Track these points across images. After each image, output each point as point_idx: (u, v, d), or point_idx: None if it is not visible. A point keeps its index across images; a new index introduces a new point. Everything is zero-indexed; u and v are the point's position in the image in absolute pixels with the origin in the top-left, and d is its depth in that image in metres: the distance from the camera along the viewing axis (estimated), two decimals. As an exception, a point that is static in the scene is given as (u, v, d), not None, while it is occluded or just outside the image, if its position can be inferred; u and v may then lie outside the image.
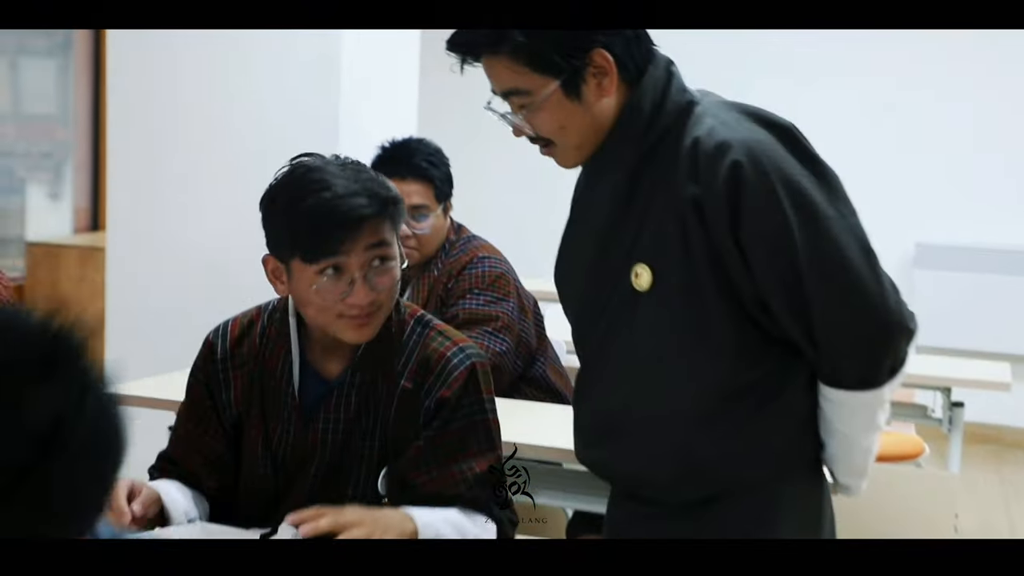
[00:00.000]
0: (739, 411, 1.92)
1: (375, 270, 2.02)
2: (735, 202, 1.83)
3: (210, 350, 2.20)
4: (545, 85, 1.88)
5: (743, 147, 1.84)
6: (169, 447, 2.22)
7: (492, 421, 2.14)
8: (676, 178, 1.88)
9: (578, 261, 2.04)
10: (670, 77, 1.95)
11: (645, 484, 2.01)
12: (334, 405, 2.10)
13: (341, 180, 1.99)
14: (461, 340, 2.17)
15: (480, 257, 3.32)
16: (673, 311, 1.91)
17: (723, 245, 1.86)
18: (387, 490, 2.09)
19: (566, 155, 1.97)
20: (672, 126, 1.92)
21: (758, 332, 1.91)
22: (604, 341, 1.99)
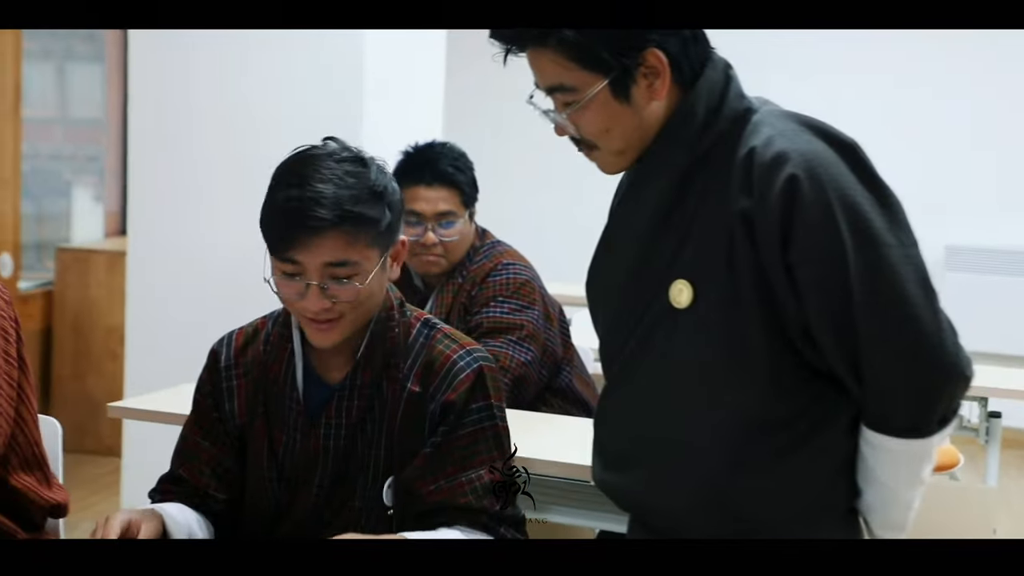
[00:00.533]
0: (771, 447, 1.79)
1: (335, 282, 1.95)
2: (788, 218, 1.71)
3: (214, 359, 2.16)
4: (592, 83, 1.78)
5: (801, 160, 1.72)
6: (175, 463, 2.16)
7: (501, 428, 2.07)
8: (727, 189, 1.77)
9: (614, 272, 1.93)
10: (728, 81, 1.84)
11: (663, 516, 1.90)
12: (335, 410, 2.05)
13: (322, 182, 1.92)
14: (468, 343, 2.10)
15: (504, 264, 3.25)
16: (710, 332, 1.79)
17: (771, 264, 1.74)
18: (393, 501, 2.04)
19: (608, 160, 1.87)
20: (727, 133, 1.81)
21: (800, 363, 1.78)
22: (634, 359, 1.88)
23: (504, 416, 2.09)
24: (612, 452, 1.94)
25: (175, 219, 4.08)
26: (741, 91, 1.86)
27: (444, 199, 3.19)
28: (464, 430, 2.03)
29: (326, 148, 2.00)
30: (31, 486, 2.28)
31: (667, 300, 1.82)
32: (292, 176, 1.94)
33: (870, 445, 1.81)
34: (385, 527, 2.02)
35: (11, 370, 2.19)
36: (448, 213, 3.21)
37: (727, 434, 1.80)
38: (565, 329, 3.39)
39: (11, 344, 2.19)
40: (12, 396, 2.20)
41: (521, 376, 3.13)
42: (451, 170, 3.20)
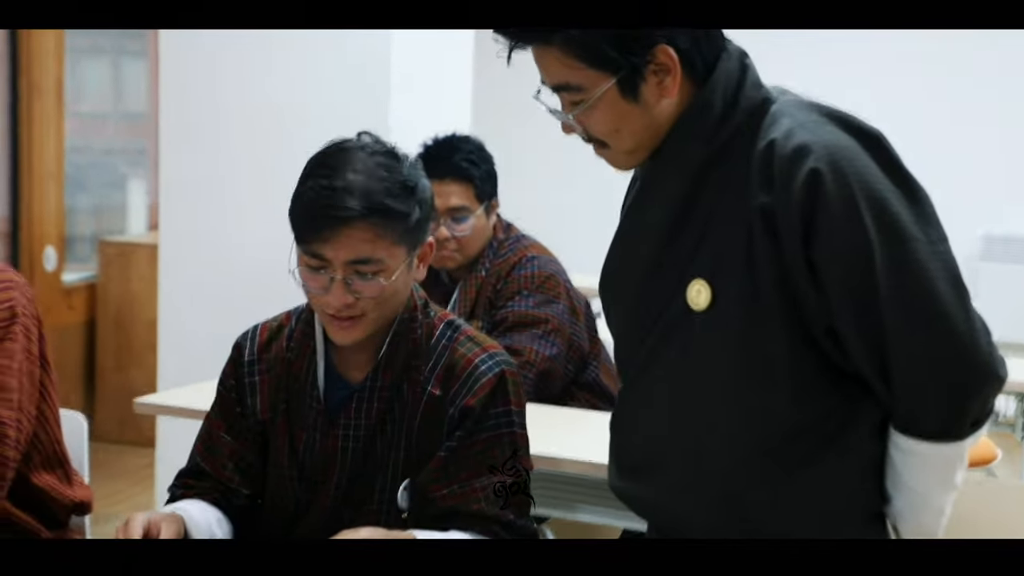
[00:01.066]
0: (794, 452, 1.72)
1: (360, 278, 1.93)
2: (810, 213, 1.63)
3: (238, 353, 2.14)
4: (599, 82, 1.70)
5: (824, 153, 1.64)
6: (197, 458, 2.14)
7: (519, 435, 2.03)
8: (746, 183, 1.69)
9: (629, 272, 1.84)
10: (745, 70, 1.75)
11: (681, 525, 1.82)
12: (354, 411, 2.02)
13: (353, 173, 1.91)
14: (491, 347, 2.06)
15: (529, 257, 3.22)
16: (730, 334, 1.71)
17: (793, 262, 1.66)
18: (408, 503, 2.01)
19: (619, 158, 1.80)
20: (744, 126, 1.72)
21: (825, 364, 1.70)
22: (650, 362, 1.80)
23: (524, 423, 2.05)
24: (628, 459, 1.87)
25: (204, 215, 4.09)
26: (758, 80, 1.78)
27: (456, 193, 3.17)
28: (481, 435, 1.99)
29: (359, 141, 1.99)
30: (52, 485, 2.30)
31: (684, 302, 1.75)
32: (323, 167, 1.93)
33: (899, 449, 1.73)
34: (400, 529, 1.98)
35: (33, 368, 2.20)
36: (460, 208, 3.18)
37: (748, 440, 1.73)
38: (592, 323, 3.36)
39: (33, 343, 2.21)
40: (35, 395, 2.21)
41: (546, 371, 3.11)
42: (464, 164, 3.17)
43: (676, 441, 1.78)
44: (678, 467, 1.78)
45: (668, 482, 1.80)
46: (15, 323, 2.14)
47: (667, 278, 1.77)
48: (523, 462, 2.03)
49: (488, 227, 3.25)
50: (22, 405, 2.15)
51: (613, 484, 1.91)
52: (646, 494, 1.85)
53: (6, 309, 2.14)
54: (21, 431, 2.14)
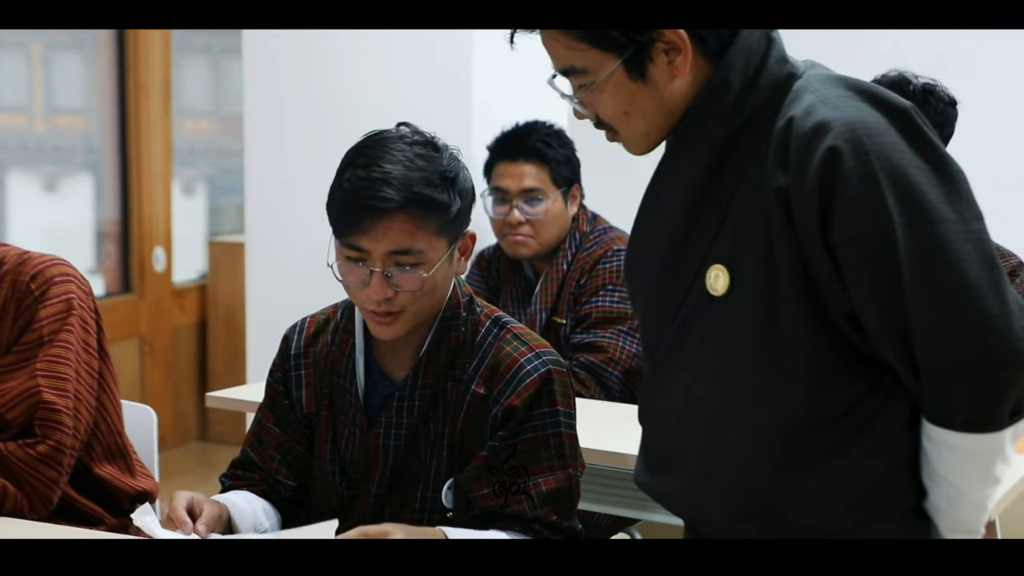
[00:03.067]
0: (816, 444, 1.63)
1: (399, 270, 1.89)
2: (827, 195, 1.55)
3: (286, 347, 2.12)
4: (605, 63, 1.64)
5: (845, 129, 1.55)
6: (248, 449, 2.15)
7: (566, 435, 1.95)
8: (763, 165, 1.60)
9: (650, 258, 1.77)
10: (769, 44, 1.66)
11: (703, 520, 1.76)
12: (396, 408, 1.98)
13: (392, 164, 1.87)
14: (539, 345, 2.00)
15: (615, 250, 3.11)
16: (748, 321, 1.63)
17: (811, 246, 1.58)
18: (453, 503, 1.96)
19: (633, 143, 1.73)
20: (767, 103, 1.64)
21: (848, 353, 1.62)
22: (672, 349, 1.73)
23: (572, 423, 1.98)
24: (652, 451, 1.80)
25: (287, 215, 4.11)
26: (784, 55, 1.68)
27: (531, 175, 3.08)
28: (525, 436, 1.94)
29: (398, 132, 1.97)
30: (114, 475, 2.32)
31: (704, 287, 1.67)
32: (361, 157, 1.90)
33: (932, 441, 1.62)
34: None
35: (91, 360, 2.24)
36: (533, 189, 3.09)
37: (767, 431, 1.64)
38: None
39: (91, 335, 2.25)
40: (93, 385, 2.25)
41: (632, 368, 2.99)
42: (539, 145, 3.08)
43: (696, 431, 1.71)
44: (697, 458, 1.71)
45: (687, 473, 1.72)
46: (71, 315, 2.19)
47: (687, 263, 1.70)
48: (571, 467, 1.96)
49: (566, 214, 3.14)
50: (79, 395, 2.19)
51: (639, 478, 1.83)
52: (669, 487, 1.77)
53: (63, 301, 2.19)
54: (79, 420, 2.18)
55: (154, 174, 5.48)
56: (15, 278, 2.18)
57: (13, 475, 2.11)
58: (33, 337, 2.15)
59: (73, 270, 2.25)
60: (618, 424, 2.61)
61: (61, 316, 2.18)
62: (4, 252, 2.23)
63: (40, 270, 2.19)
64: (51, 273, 2.19)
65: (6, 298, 2.18)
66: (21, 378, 2.13)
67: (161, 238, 5.59)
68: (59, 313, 2.18)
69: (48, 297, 2.17)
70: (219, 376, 5.87)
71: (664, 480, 1.77)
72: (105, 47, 5.35)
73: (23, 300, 2.17)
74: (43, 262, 2.21)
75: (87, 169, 5.59)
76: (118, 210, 5.47)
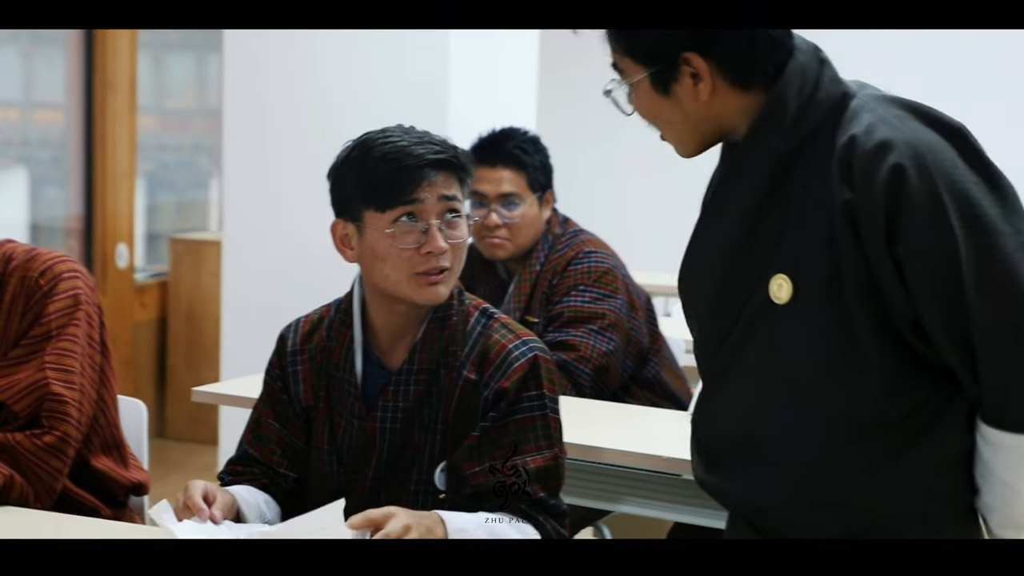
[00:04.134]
0: (880, 445, 1.73)
1: (448, 222, 2.04)
2: (894, 210, 1.65)
3: (283, 344, 2.21)
4: (635, 72, 1.81)
5: (907, 148, 1.66)
6: (246, 446, 2.22)
7: (552, 419, 2.08)
8: (827, 181, 1.70)
9: (709, 266, 1.87)
10: (822, 65, 1.78)
11: (767, 517, 1.84)
12: (392, 393, 2.08)
13: (408, 137, 2.04)
14: (524, 333, 2.13)
15: (586, 252, 3.21)
16: (814, 328, 1.73)
17: (877, 258, 1.68)
18: (445, 485, 2.07)
19: (674, 146, 1.88)
20: (824, 121, 1.74)
21: (910, 358, 1.72)
22: (733, 355, 1.83)
23: (557, 408, 2.10)
24: (713, 452, 1.89)
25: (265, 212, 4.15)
26: (837, 75, 1.79)
27: (508, 180, 3.18)
28: (515, 417, 2.05)
29: (394, 126, 2.10)
30: (110, 467, 2.39)
31: (766, 295, 1.77)
32: (380, 136, 2.06)
33: (987, 442, 1.72)
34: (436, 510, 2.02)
35: (94, 354, 2.32)
36: (511, 194, 3.19)
37: (831, 434, 1.74)
38: (652, 319, 3.33)
39: (95, 329, 2.32)
40: (95, 379, 2.32)
41: (603, 366, 3.09)
42: (516, 151, 3.18)
43: (760, 434, 1.80)
44: (762, 460, 1.80)
45: (751, 475, 1.82)
46: (79, 309, 2.27)
47: (747, 273, 1.80)
48: (557, 448, 2.08)
49: (541, 218, 3.24)
50: (83, 388, 2.26)
51: (697, 475, 1.93)
52: (730, 485, 1.86)
53: (70, 297, 2.26)
54: (82, 412, 2.25)
55: (119, 171, 5.51)
56: (24, 274, 2.26)
57: (19, 465, 2.17)
58: (41, 331, 2.22)
59: (80, 266, 2.33)
60: (588, 419, 2.71)
61: (69, 311, 2.25)
62: (12, 248, 2.30)
63: (49, 266, 2.26)
64: (59, 269, 2.26)
65: (15, 293, 2.25)
66: (29, 370, 2.20)
67: (124, 235, 5.61)
68: (67, 308, 2.25)
69: (56, 292, 2.25)
70: (178, 373, 5.90)
71: (725, 478, 1.86)
72: (74, 43, 5.37)
73: (32, 295, 2.24)
74: (52, 258, 2.28)
75: (21, 163, 5.59)
76: (82, 206, 5.49)
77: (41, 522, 2.11)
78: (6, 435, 2.18)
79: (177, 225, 6.36)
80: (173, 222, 6.40)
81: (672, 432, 2.70)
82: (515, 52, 4.19)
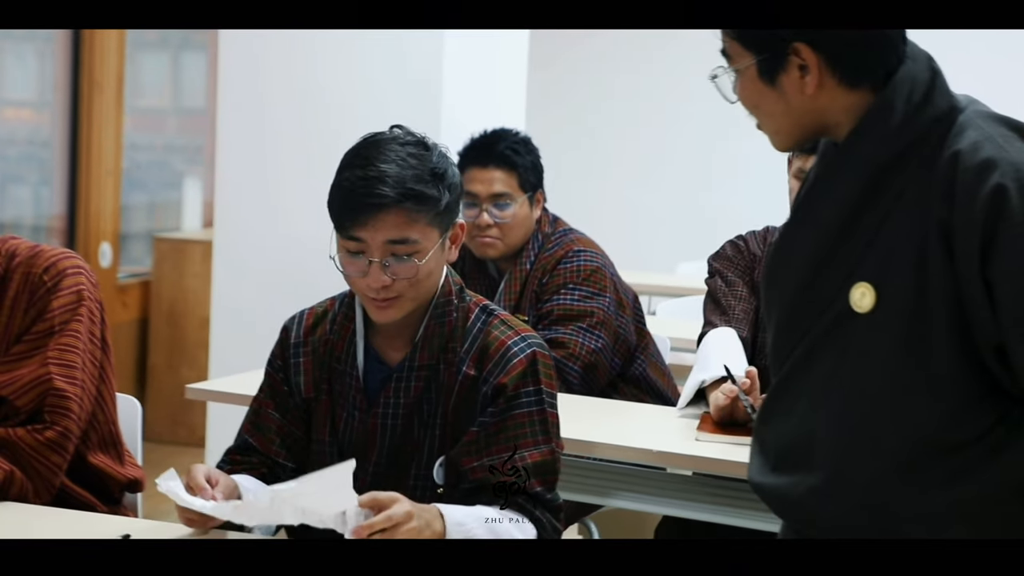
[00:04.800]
0: (943, 469, 1.69)
1: (396, 259, 2.04)
2: (992, 230, 1.61)
3: (286, 335, 2.24)
4: (743, 58, 1.78)
5: (1012, 169, 1.62)
6: (246, 435, 2.24)
7: (550, 414, 2.11)
8: (925, 193, 1.67)
9: (794, 267, 1.83)
10: (934, 77, 1.74)
11: (823, 527, 1.79)
12: (393, 390, 2.12)
13: (386, 163, 2.03)
14: (524, 330, 2.16)
15: (575, 251, 3.26)
16: (892, 341, 1.69)
17: (967, 277, 1.64)
18: (444, 479, 2.10)
19: (770, 137, 1.84)
20: (930, 132, 1.71)
21: (986, 382, 1.67)
22: (807, 359, 1.79)
23: (555, 404, 2.14)
24: (774, 453, 1.85)
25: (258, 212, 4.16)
26: (948, 88, 1.76)
27: (500, 180, 3.22)
28: (513, 412, 2.08)
29: (391, 134, 2.11)
30: (107, 464, 2.40)
31: (847, 302, 1.73)
32: (358, 158, 2.06)
33: None
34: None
35: (95, 351, 2.34)
36: (503, 194, 3.23)
37: (897, 451, 1.71)
38: (640, 317, 3.38)
39: (96, 325, 2.34)
40: (95, 376, 2.34)
41: (591, 363, 3.13)
42: (508, 152, 3.23)
43: (824, 443, 1.77)
44: (824, 469, 1.76)
45: (811, 483, 1.78)
46: (82, 305, 2.29)
47: (832, 277, 1.77)
48: (554, 443, 2.11)
49: (531, 217, 3.29)
50: (84, 384, 2.28)
51: (755, 480, 1.88)
52: (788, 492, 1.82)
53: (74, 293, 2.28)
54: (83, 408, 2.27)
55: (103, 170, 5.50)
56: (27, 270, 2.27)
57: (20, 461, 2.18)
58: (44, 326, 2.24)
59: (83, 263, 2.34)
60: (577, 415, 2.73)
61: (72, 307, 2.27)
62: (16, 245, 2.31)
63: (53, 262, 2.28)
64: (63, 266, 2.28)
65: (18, 289, 2.27)
66: (32, 365, 2.22)
67: (108, 234, 5.61)
68: (70, 304, 2.27)
69: (60, 288, 2.26)
70: (159, 373, 5.90)
71: (783, 482, 1.82)
72: (60, 42, 5.37)
73: (36, 291, 2.25)
74: (55, 255, 2.30)
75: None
76: (65, 205, 5.48)
77: (37, 518, 2.12)
78: (7, 430, 2.19)
79: (150, 225, 6.35)
80: (146, 222, 6.39)
81: (660, 427, 2.76)
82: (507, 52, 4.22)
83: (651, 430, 2.74)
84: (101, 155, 5.47)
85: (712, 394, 2.67)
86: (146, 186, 6.43)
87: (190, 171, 6.63)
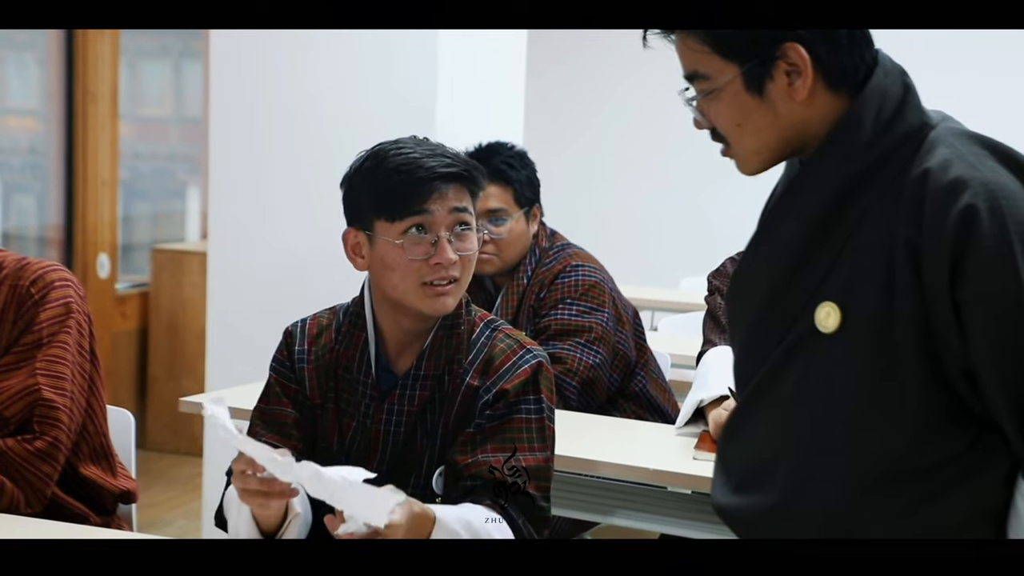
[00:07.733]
0: (913, 491, 1.65)
1: (458, 234, 2.07)
2: (961, 251, 1.57)
3: (290, 340, 2.23)
4: (725, 71, 1.68)
5: (983, 189, 1.57)
6: (260, 439, 2.18)
7: (548, 425, 2.11)
8: (892, 212, 1.63)
9: (757, 285, 1.78)
10: (906, 92, 1.69)
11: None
12: (399, 397, 2.11)
13: (421, 148, 2.07)
14: (528, 343, 2.16)
15: (573, 265, 3.22)
16: (859, 362, 1.65)
17: (936, 299, 1.59)
18: (442, 489, 2.10)
19: (743, 160, 1.75)
20: (898, 148, 1.66)
21: (955, 406, 1.63)
22: (770, 380, 1.75)
23: (552, 417, 2.13)
24: (736, 474, 1.81)
25: (252, 222, 4.13)
26: (919, 104, 1.71)
27: (494, 196, 3.19)
28: (512, 416, 2.08)
29: (410, 137, 2.13)
30: (98, 475, 2.40)
31: (812, 322, 1.69)
32: (393, 150, 2.07)
33: None
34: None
35: (84, 363, 2.33)
36: (498, 210, 3.20)
37: (861, 474, 1.67)
38: (640, 333, 3.34)
39: (84, 338, 2.34)
40: (84, 387, 2.33)
41: (590, 379, 3.10)
42: (503, 167, 3.19)
43: (787, 464, 1.73)
44: (786, 491, 1.73)
45: (770, 504, 1.74)
46: (70, 317, 2.29)
47: (796, 296, 1.72)
48: (549, 452, 2.10)
49: (528, 233, 3.25)
50: (74, 395, 2.27)
51: (716, 499, 1.85)
52: (748, 514, 1.79)
53: (62, 305, 2.28)
54: (72, 419, 2.27)
55: (100, 180, 5.48)
56: (15, 282, 2.27)
57: (9, 471, 2.18)
58: (32, 338, 2.23)
59: (70, 275, 2.35)
60: (574, 432, 2.71)
61: (60, 319, 2.27)
62: (3, 257, 2.31)
63: (40, 275, 2.28)
64: (51, 278, 2.28)
65: (6, 301, 2.26)
66: (20, 376, 2.22)
67: (106, 244, 5.59)
68: (58, 316, 2.26)
69: (48, 301, 2.26)
70: (159, 384, 5.88)
71: (746, 503, 1.78)
72: (54, 51, 5.36)
73: (23, 303, 2.25)
74: (43, 267, 2.30)
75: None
76: (62, 216, 5.46)
77: (29, 528, 2.11)
78: None
79: (152, 235, 6.33)
80: (148, 232, 6.37)
81: (659, 445, 2.73)
82: (502, 57, 4.19)
83: (649, 448, 2.71)
84: (97, 166, 5.45)
85: (712, 411, 2.64)
86: (149, 196, 6.41)
87: (193, 181, 6.61)
